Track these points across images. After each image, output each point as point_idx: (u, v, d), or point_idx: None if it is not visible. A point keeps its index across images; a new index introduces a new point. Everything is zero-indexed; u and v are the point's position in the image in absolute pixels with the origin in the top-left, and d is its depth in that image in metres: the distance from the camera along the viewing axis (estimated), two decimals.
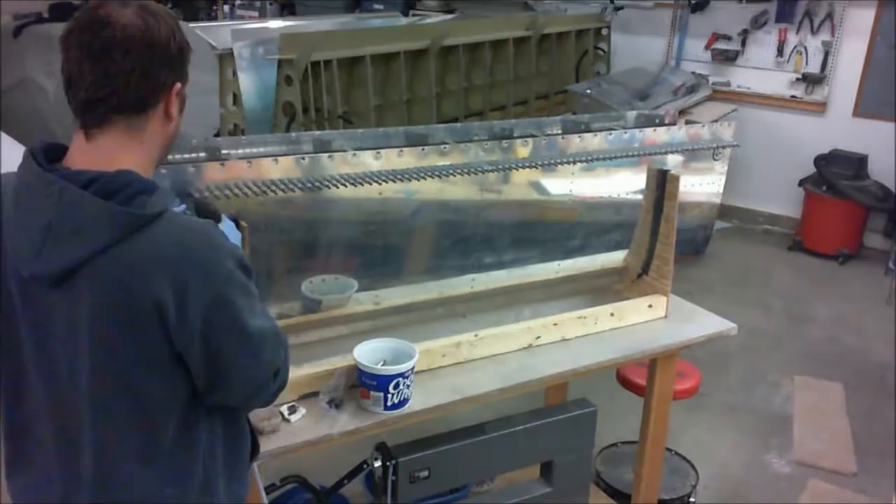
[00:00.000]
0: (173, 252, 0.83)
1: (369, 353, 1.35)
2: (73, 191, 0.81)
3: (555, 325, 1.60)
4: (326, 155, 1.44)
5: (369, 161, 1.47)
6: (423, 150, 1.53)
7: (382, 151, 1.49)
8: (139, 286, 0.82)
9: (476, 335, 1.51)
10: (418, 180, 1.50)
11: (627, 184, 1.84)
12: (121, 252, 0.81)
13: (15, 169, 0.89)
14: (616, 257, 1.90)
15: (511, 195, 1.74)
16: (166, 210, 0.84)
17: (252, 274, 0.90)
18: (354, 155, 1.46)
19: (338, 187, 1.41)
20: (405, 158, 1.51)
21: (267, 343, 0.92)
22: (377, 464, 1.41)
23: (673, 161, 1.85)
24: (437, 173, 1.52)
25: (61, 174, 0.83)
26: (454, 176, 1.55)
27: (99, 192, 0.81)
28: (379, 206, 1.54)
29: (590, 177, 1.80)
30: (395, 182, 1.47)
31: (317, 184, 1.39)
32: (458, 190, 1.63)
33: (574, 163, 1.71)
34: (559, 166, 1.72)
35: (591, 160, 1.72)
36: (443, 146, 1.56)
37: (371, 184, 1.44)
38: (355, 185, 1.42)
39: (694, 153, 1.91)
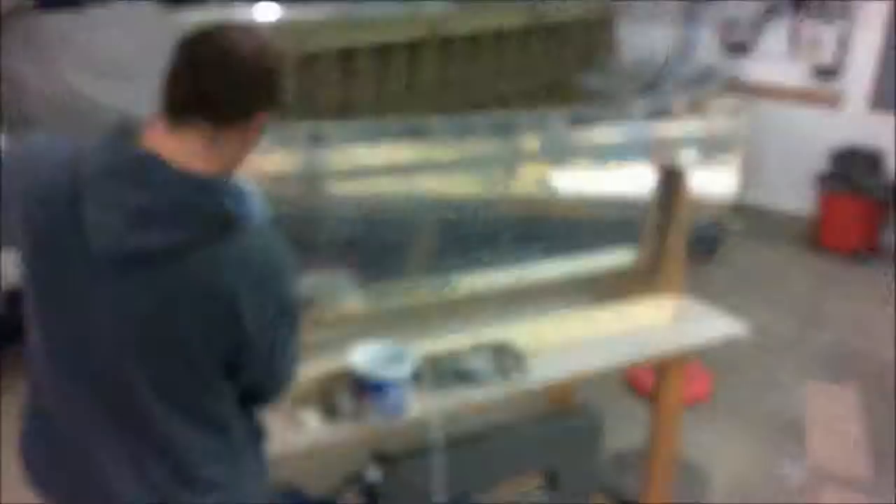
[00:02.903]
0: (256, 266, 0.93)
1: (368, 357, 1.31)
2: (180, 181, 0.87)
3: (559, 325, 1.53)
4: (321, 148, 1.38)
5: (365, 154, 1.41)
6: (421, 143, 1.47)
7: (379, 145, 1.43)
8: (224, 288, 0.90)
9: (475, 335, 1.45)
10: (416, 174, 1.44)
11: (636, 180, 1.77)
12: (214, 250, 0.89)
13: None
14: (624, 256, 1.82)
15: (514, 191, 1.67)
16: (254, 220, 0.93)
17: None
18: (352, 150, 1.39)
19: (333, 181, 1.35)
20: (402, 152, 1.45)
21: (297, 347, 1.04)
22: (374, 470, 1.35)
23: (687, 156, 1.77)
24: (436, 167, 1.45)
25: (163, 161, 0.88)
26: (454, 170, 1.48)
27: (201, 187, 0.88)
28: (375, 201, 1.47)
29: (596, 172, 1.73)
30: (392, 176, 1.41)
31: (311, 177, 1.34)
32: (459, 185, 1.56)
33: (579, 157, 1.64)
34: (564, 161, 1.65)
35: (597, 155, 1.65)
36: (443, 140, 1.50)
37: (368, 178, 1.38)
38: (353, 182, 1.36)
39: (704, 148, 1.83)
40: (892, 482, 2.30)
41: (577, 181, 1.72)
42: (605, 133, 1.69)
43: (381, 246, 1.57)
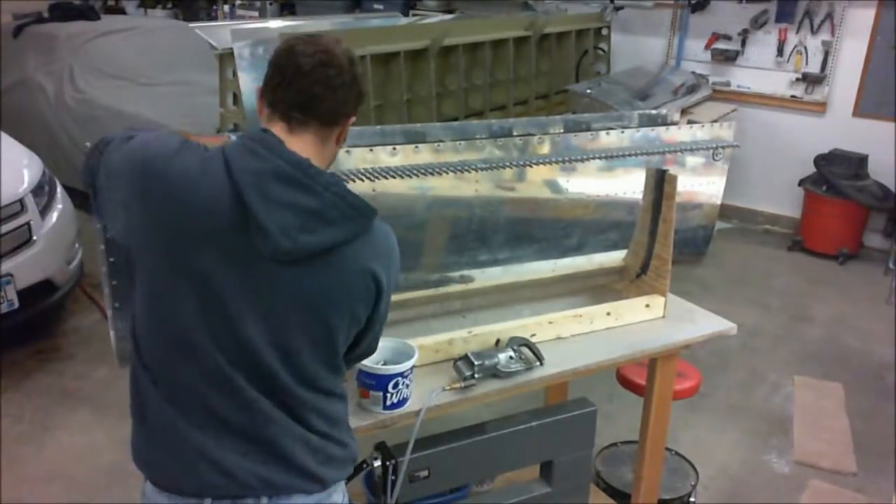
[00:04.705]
0: (387, 245, 1.08)
1: None
2: (336, 185, 0.98)
3: (550, 323, 1.60)
4: None
5: (364, 157, 1.48)
6: (417, 147, 1.53)
7: (377, 148, 1.49)
8: (371, 269, 1.03)
9: (469, 332, 1.51)
10: (416, 177, 1.50)
11: (631, 183, 1.84)
12: (363, 240, 1.03)
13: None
14: (616, 257, 1.89)
15: (511, 193, 1.74)
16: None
17: None
18: (348, 152, 1.46)
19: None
20: (400, 156, 1.51)
21: None
22: (377, 463, 1.41)
23: (677, 160, 1.85)
24: (435, 170, 1.52)
25: (318, 167, 0.98)
26: (452, 174, 1.55)
27: (346, 189, 1.00)
28: (371, 202, 1.52)
29: (591, 176, 1.80)
30: (388, 179, 1.47)
31: None
32: (457, 188, 1.63)
33: (574, 161, 1.71)
34: (559, 165, 1.72)
35: (588, 159, 1.72)
36: (437, 144, 1.56)
37: (364, 181, 1.45)
38: (348, 182, 1.43)
39: (694, 153, 1.90)
40: (877, 476, 2.37)
41: (573, 184, 1.79)
42: (598, 138, 1.76)
43: None
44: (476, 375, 1.42)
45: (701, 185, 1.97)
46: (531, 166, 1.66)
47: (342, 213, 0.98)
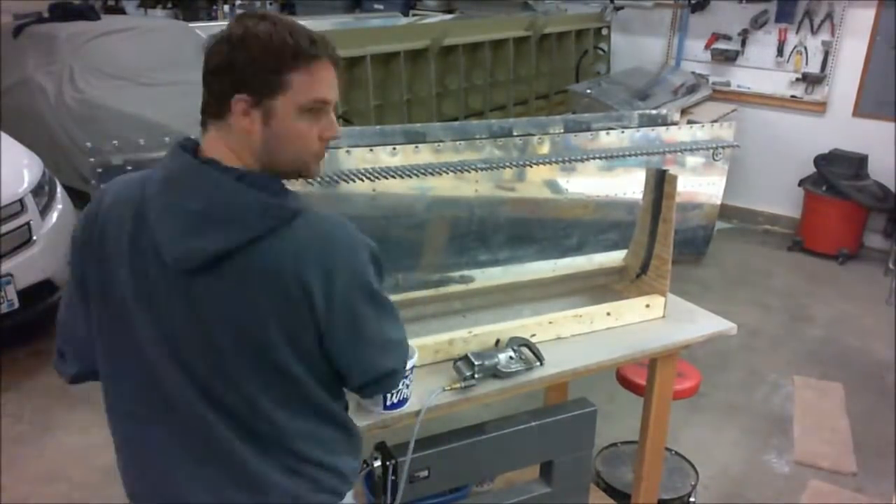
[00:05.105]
0: (319, 243, 0.92)
1: None
2: (231, 182, 0.90)
3: (550, 323, 1.60)
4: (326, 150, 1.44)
5: (364, 157, 1.48)
6: (417, 147, 1.53)
7: (377, 148, 1.49)
8: (291, 273, 0.90)
9: (469, 332, 1.51)
10: (416, 177, 1.50)
11: (631, 183, 1.84)
12: (274, 241, 0.90)
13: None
14: (616, 257, 1.90)
15: (511, 193, 1.74)
16: (305, 207, 0.94)
17: (382, 264, 1.00)
18: (348, 152, 1.46)
19: (331, 182, 1.41)
20: (400, 156, 1.51)
21: (397, 330, 1.04)
22: (377, 464, 1.41)
23: (677, 160, 1.85)
24: (435, 170, 1.52)
25: (215, 166, 0.91)
26: (452, 174, 1.55)
27: (251, 185, 0.90)
28: (371, 202, 1.53)
29: (591, 176, 1.80)
30: (388, 179, 1.47)
31: (310, 181, 1.39)
32: (456, 188, 1.63)
33: (570, 161, 1.72)
34: (559, 165, 1.72)
35: (588, 159, 1.72)
36: (437, 144, 1.56)
37: (364, 181, 1.45)
38: (348, 182, 1.43)
39: (694, 153, 1.90)
40: (877, 476, 2.36)
41: (573, 184, 1.79)
42: (598, 138, 1.77)
43: (378, 246, 1.63)
44: (476, 375, 1.42)
45: (701, 185, 1.97)
46: (531, 166, 1.66)
47: (239, 210, 0.88)
